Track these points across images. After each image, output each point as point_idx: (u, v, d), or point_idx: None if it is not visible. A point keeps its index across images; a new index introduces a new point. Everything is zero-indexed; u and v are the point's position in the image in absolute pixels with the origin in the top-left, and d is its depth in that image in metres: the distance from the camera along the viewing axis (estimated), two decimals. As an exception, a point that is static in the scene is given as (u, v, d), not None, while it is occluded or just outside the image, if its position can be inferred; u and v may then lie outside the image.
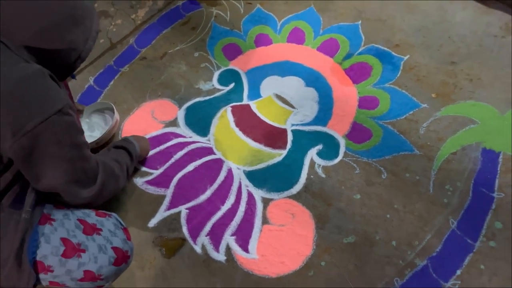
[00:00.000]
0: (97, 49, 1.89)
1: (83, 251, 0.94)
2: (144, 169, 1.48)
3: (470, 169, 1.33)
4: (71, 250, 0.92)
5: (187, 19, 1.93)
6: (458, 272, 1.16)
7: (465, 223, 1.23)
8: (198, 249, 1.29)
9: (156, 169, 1.47)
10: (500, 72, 1.51)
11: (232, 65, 1.73)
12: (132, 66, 1.81)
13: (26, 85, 0.81)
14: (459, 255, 1.18)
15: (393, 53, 1.64)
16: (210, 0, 1.98)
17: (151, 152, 1.51)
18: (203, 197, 1.38)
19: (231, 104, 1.60)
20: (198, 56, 1.79)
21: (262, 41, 1.78)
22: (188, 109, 1.62)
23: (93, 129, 1.57)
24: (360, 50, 1.67)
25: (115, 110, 1.55)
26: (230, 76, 1.69)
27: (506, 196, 1.26)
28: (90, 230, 0.98)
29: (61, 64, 0.95)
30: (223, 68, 1.73)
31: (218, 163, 1.45)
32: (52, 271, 0.90)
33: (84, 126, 1.57)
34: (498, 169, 1.31)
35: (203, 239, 1.30)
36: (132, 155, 1.29)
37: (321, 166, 1.40)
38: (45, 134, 0.83)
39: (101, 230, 1.00)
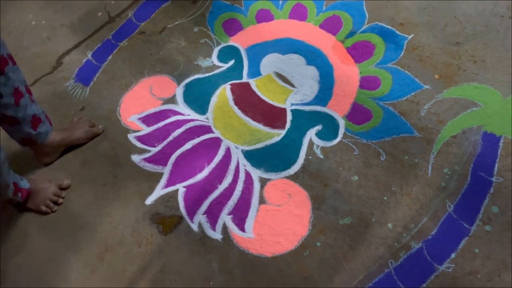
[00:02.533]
0: (95, 23, 1.86)
1: None
2: (142, 146, 1.47)
3: (470, 152, 1.32)
4: None
5: (187, -7, 1.89)
6: (453, 255, 1.16)
7: (461, 207, 1.23)
8: (194, 227, 1.30)
9: (154, 146, 1.47)
10: (505, 54, 1.48)
11: (232, 41, 1.70)
12: (130, 40, 1.78)
13: None
14: (454, 239, 1.18)
15: (397, 32, 1.60)
16: (211, -27, 1.93)
17: (150, 129, 1.50)
18: (200, 176, 1.38)
19: (230, 82, 1.58)
20: (198, 31, 1.75)
21: (263, 16, 1.74)
22: (187, 86, 1.60)
23: None
24: (363, 28, 1.63)
25: None
26: (230, 53, 1.66)
27: (505, 180, 1.25)
28: None
29: None
30: (223, 44, 1.69)
31: (216, 141, 1.44)
32: None
33: None
34: (498, 153, 1.30)
35: (200, 217, 1.31)
36: None
37: (319, 147, 1.40)
38: None
39: None
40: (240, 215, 1.30)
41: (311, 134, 1.42)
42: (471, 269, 1.14)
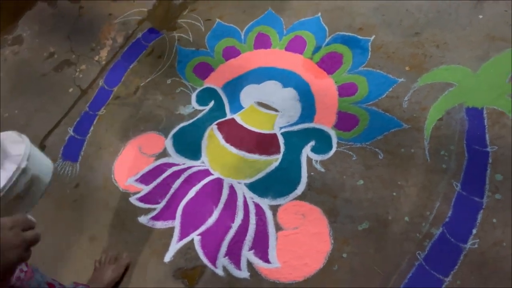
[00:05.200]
0: (69, 99, 1.87)
1: None
2: (146, 206, 1.47)
3: (459, 130, 1.36)
4: None
5: (151, 49, 1.93)
6: (474, 231, 1.19)
7: (468, 183, 1.27)
8: (220, 272, 1.29)
9: (158, 203, 1.46)
10: (462, 32, 1.56)
11: (206, 84, 1.73)
12: (108, 107, 1.79)
13: None
14: (470, 215, 1.21)
15: (358, 36, 1.67)
16: (169, 25, 1.98)
17: (149, 187, 1.50)
18: (211, 220, 1.38)
19: (216, 122, 1.60)
20: (171, 82, 1.79)
21: (230, 53, 1.79)
22: (175, 137, 1.62)
23: None
24: (326, 41, 1.70)
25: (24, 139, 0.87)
26: (207, 95, 1.70)
27: (500, 147, 1.30)
28: None
29: None
30: (198, 89, 1.73)
31: (218, 182, 1.45)
32: None
33: None
34: (485, 124, 1.35)
35: (222, 260, 1.30)
36: None
37: (318, 161, 1.42)
38: None
39: None
40: (261, 248, 1.30)
41: (306, 151, 1.45)
42: (495, 240, 1.17)
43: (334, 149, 1.43)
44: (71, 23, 2.16)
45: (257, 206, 1.37)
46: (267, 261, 1.27)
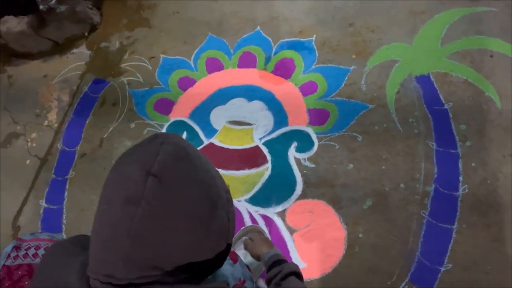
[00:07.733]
0: (28, 171, 1.75)
1: None
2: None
3: (417, 97, 1.53)
4: None
5: (102, 99, 1.88)
6: (461, 178, 1.34)
7: (440, 140, 1.42)
8: (250, 289, 1.29)
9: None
10: (389, 14, 1.75)
11: (172, 118, 1.74)
12: (76, 168, 1.72)
13: None
14: (453, 165, 1.36)
15: (301, 39, 1.79)
16: (113, 71, 1.95)
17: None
18: (225, 243, 1.38)
19: (196, 151, 1.61)
20: (135, 126, 1.76)
21: (185, 83, 1.81)
22: (158, 177, 1.59)
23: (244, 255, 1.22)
24: (273, 50, 1.80)
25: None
26: (177, 128, 1.70)
27: (454, 102, 1.47)
28: None
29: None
30: (166, 124, 1.73)
31: (219, 206, 1.46)
32: None
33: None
34: (436, 86, 1.53)
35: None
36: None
37: (306, 159, 1.50)
38: None
39: None
40: (283, 255, 1.33)
41: (292, 153, 1.52)
42: (480, 180, 1.32)
43: (316, 144, 1.52)
44: (4, 94, 2.03)
45: (265, 217, 1.41)
46: (292, 264, 1.30)
